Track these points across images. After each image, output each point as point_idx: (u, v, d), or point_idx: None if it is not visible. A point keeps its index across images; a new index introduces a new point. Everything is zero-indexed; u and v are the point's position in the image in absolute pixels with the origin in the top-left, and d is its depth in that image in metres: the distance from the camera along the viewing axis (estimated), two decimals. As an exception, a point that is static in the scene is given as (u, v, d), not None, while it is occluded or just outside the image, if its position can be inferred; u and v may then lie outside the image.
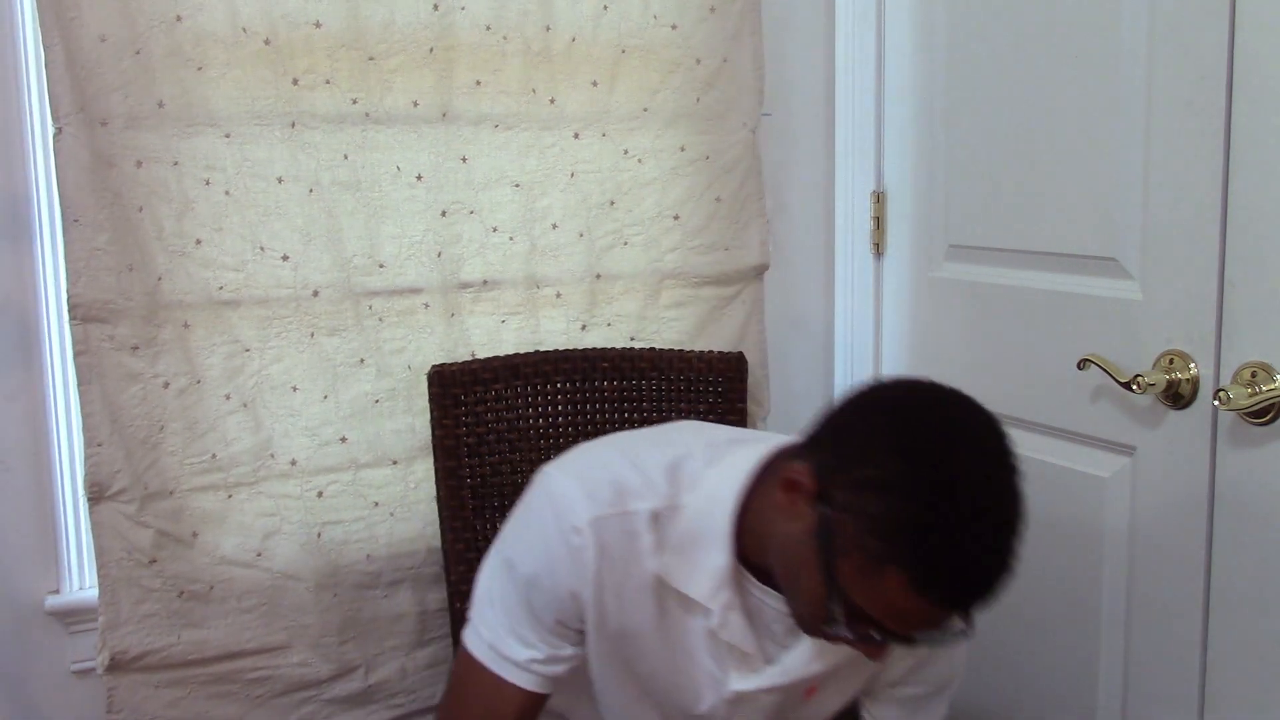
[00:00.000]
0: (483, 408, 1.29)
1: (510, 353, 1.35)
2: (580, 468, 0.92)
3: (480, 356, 1.36)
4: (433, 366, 1.29)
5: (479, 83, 1.34)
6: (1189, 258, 1.14)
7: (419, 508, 1.38)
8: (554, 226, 1.41)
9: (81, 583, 1.32)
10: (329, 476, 1.33)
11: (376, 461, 1.35)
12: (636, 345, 1.45)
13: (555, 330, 1.43)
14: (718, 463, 0.90)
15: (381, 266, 1.33)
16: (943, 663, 0.99)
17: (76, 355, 1.19)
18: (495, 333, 1.40)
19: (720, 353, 1.37)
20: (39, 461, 1.29)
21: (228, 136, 1.23)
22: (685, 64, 1.44)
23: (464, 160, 1.35)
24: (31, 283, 1.26)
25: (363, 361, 1.33)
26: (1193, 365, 1.14)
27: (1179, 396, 1.15)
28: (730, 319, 1.52)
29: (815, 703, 0.97)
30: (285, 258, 1.28)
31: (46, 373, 1.28)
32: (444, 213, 1.35)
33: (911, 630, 0.78)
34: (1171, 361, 1.16)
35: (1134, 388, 1.15)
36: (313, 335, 1.30)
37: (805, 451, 0.83)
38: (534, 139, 1.38)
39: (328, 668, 1.34)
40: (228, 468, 1.27)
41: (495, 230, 1.38)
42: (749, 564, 0.89)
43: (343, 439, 1.33)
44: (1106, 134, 1.22)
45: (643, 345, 1.44)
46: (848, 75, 1.58)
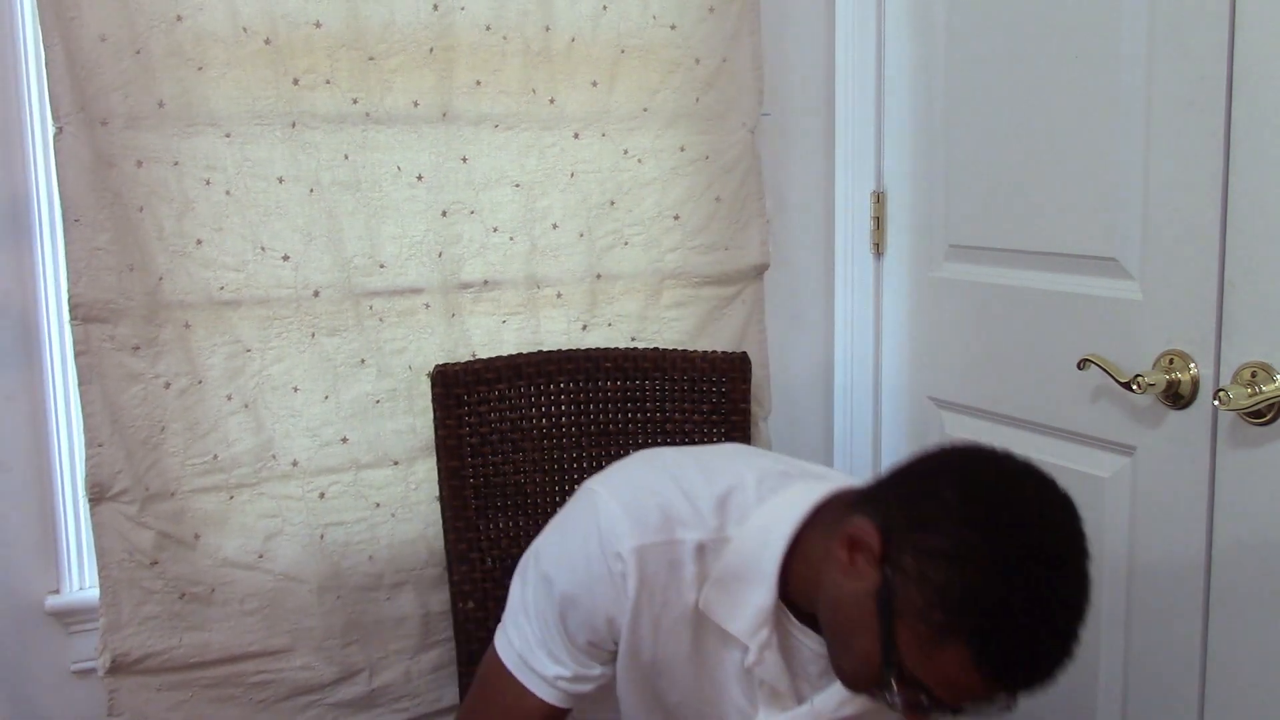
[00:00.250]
0: (485, 408, 1.29)
1: (511, 353, 1.35)
2: (629, 491, 0.90)
3: (481, 357, 1.36)
4: (436, 366, 1.29)
5: (479, 83, 1.34)
6: (1189, 258, 1.14)
7: (420, 508, 1.38)
8: (554, 226, 1.41)
9: (81, 583, 1.32)
10: (330, 477, 1.33)
11: (377, 462, 1.35)
12: (638, 345, 1.45)
13: (556, 330, 1.43)
14: (769, 498, 0.89)
15: (382, 267, 1.33)
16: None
17: (77, 355, 1.19)
18: (496, 333, 1.40)
19: (723, 353, 1.37)
20: (39, 461, 1.28)
21: (228, 136, 1.23)
22: (685, 64, 1.44)
23: (464, 160, 1.35)
24: (31, 283, 1.26)
25: (363, 362, 1.33)
26: (1193, 365, 1.14)
27: (1179, 396, 1.15)
28: (730, 319, 1.52)
29: None
30: (286, 258, 1.28)
31: (47, 373, 1.28)
32: (444, 213, 1.35)
33: (962, 702, 0.77)
34: (1171, 361, 1.16)
35: (1134, 388, 1.15)
36: (313, 335, 1.30)
37: (869, 507, 0.82)
38: (534, 139, 1.38)
39: (331, 671, 1.34)
40: (229, 469, 1.27)
41: (496, 230, 1.38)
42: (789, 602, 0.88)
43: (344, 439, 1.33)
44: (1106, 134, 1.22)
45: (644, 345, 1.44)
46: (848, 75, 1.58)
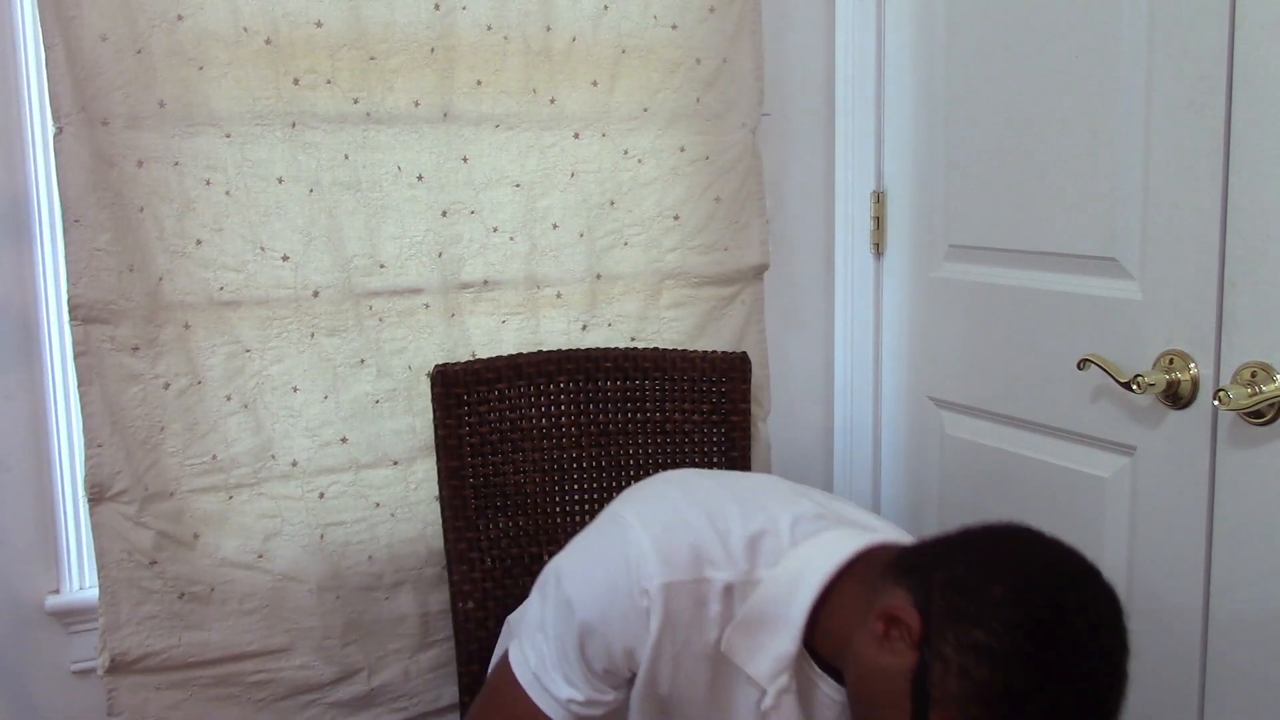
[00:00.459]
0: (485, 407, 1.29)
1: (511, 353, 1.35)
2: (659, 524, 0.89)
3: (481, 357, 1.36)
4: (436, 366, 1.29)
5: (480, 83, 1.34)
6: (1189, 258, 1.14)
7: (419, 508, 1.38)
8: (554, 227, 1.41)
9: (81, 583, 1.32)
10: (330, 477, 1.33)
11: (377, 462, 1.35)
12: (637, 345, 1.45)
13: (555, 330, 1.43)
14: (802, 544, 0.88)
15: (382, 267, 1.33)
16: None
17: (77, 356, 1.19)
18: (495, 333, 1.40)
19: (723, 353, 1.37)
20: (39, 461, 1.28)
21: (228, 136, 1.23)
22: (685, 64, 1.44)
23: (465, 160, 1.35)
24: (31, 283, 1.26)
25: (363, 362, 1.33)
26: (1193, 365, 1.14)
27: (1179, 396, 1.15)
28: (730, 319, 1.52)
29: None
30: (286, 258, 1.28)
31: (46, 373, 1.27)
32: (444, 213, 1.35)
33: None
34: (1171, 361, 1.16)
35: (1134, 388, 1.16)
36: (313, 336, 1.30)
37: (909, 580, 0.81)
38: (534, 139, 1.38)
39: (330, 670, 1.34)
40: (228, 469, 1.27)
41: (496, 230, 1.38)
42: (811, 648, 0.88)
43: (343, 440, 1.33)
44: (1106, 134, 1.22)
45: (643, 345, 1.44)
46: (848, 75, 1.58)
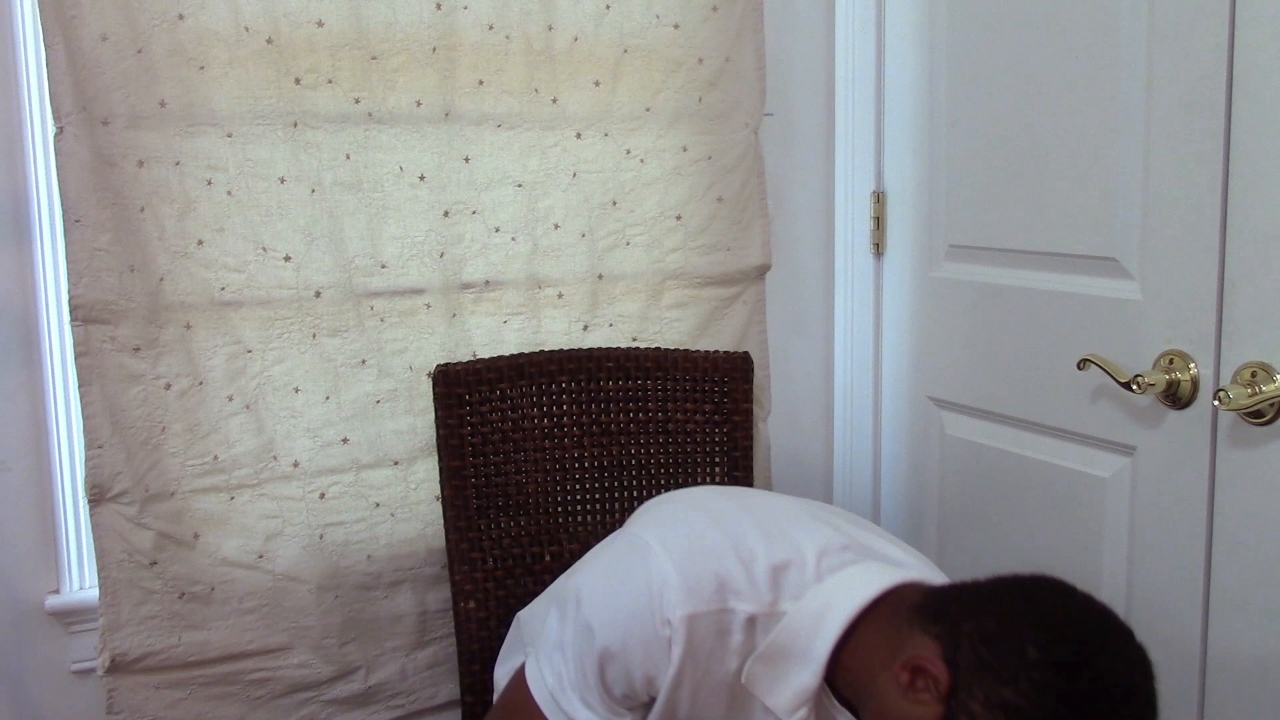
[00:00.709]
0: (487, 407, 1.29)
1: (512, 353, 1.35)
2: (683, 552, 0.88)
3: (482, 357, 1.35)
4: (437, 366, 1.29)
5: (481, 82, 1.34)
6: (1189, 258, 1.14)
7: (420, 508, 1.38)
8: (556, 227, 1.41)
9: (81, 583, 1.31)
10: (331, 478, 1.33)
11: (378, 462, 1.35)
12: (639, 345, 1.45)
13: (557, 331, 1.43)
14: (827, 578, 0.88)
15: (383, 267, 1.33)
16: None
17: (77, 356, 1.19)
18: (497, 333, 1.40)
19: (725, 353, 1.37)
20: (39, 462, 1.28)
21: (230, 136, 1.23)
22: (688, 64, 1.44)
23: (466, 160, 1.35)
24: (31, 283, 1.25)
25: (364, 362, 1.33)
26: (1193, 365, 1.15)
27: (1179, 396, 1.16)
28: (732, 319, 1.52)
29: None
30: (287, 258, 1.28)
31: (47, 373, 1.27)
32: (446, 213, 1.35)
33: None
34: (1171, 361, 1.16)
35: (1134, 388, 1.16)
36: (314, 336, 1.30)
37: (937, 629, 0.80)
38: (536, 139, 1.38)
39: (328, 669, 1.34)
40: (230, 469, 1.27)
41: (497, 230, 1.38)
42: (830, 683, 0.87)
43: (344, 440, 1.33)
44: (1106, 134, 1.22)
45: (645, 345, 1.44)
46: (848, 75, 1.58)
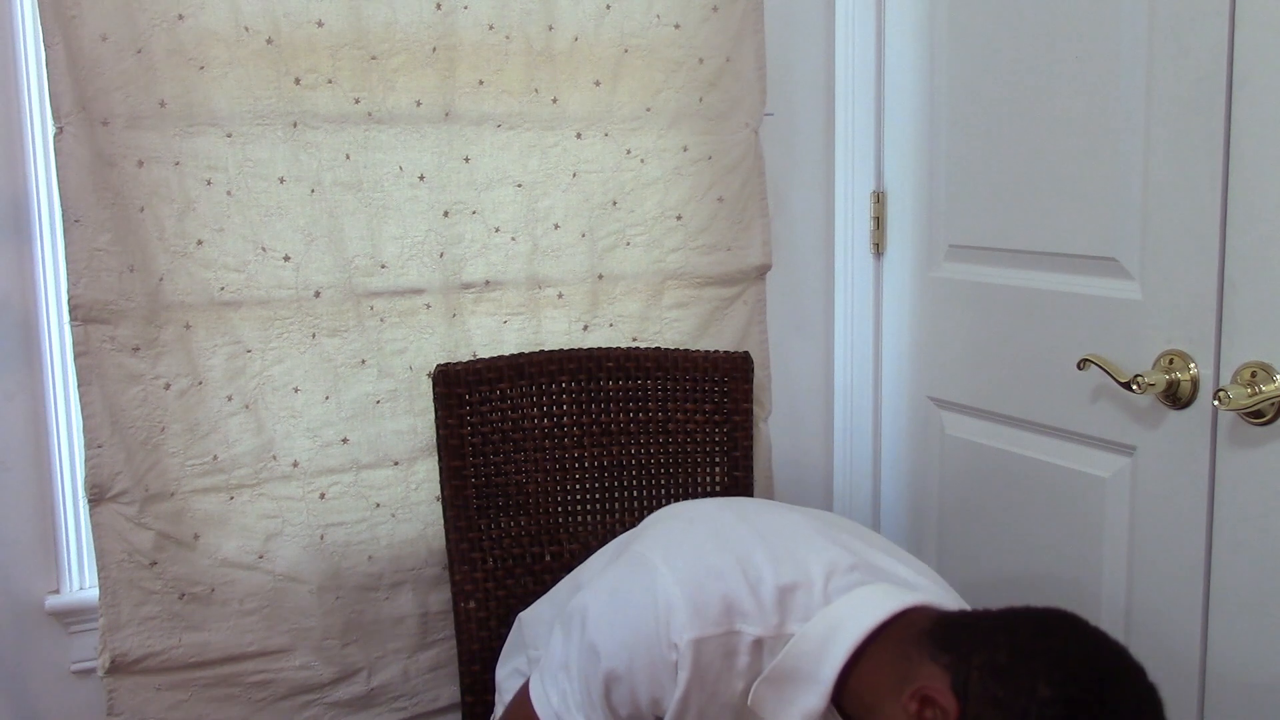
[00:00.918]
0: (487, 407, 1.29)
1: (512, 353, 1.35)
2: (690, 574, 0.88)
3: (482, 357, 1.35)
4: (437, 366, 1.29)
5: (481, 82, 1.34)
6: (1189, 258, 1.14)
7: (420, 509, 1.38)
8: (556, 227, 1.41)
9: (81, 583, 1.31)
10: (331, 478, 1.33)
11: (378, 462, 1.35)
12: (639, 345, 1.45)
13: (557, 331, 1.43)
14: (835, 601, 0.87)
15: (383, 267, 1.32)
16: None
17: (77, 356, 1.18)
18: (497, 333, 1.40)
19: (725, 352, 1.37)
20: (39, 461, 1.28)
21: (229, 136, 1.23)
22: (688, 64, 1.44)
23: (466, 160, 1.35)
24: (31, 283, 1.25)
25: (364, 362, 1.33)
26: (1193, 365, 1.15)
27: (1179, 397, 1.16)
28: (732, 319, 1.52)
29: None
30: (287, 258, 1.27)
31: (46, 373, 1.27)
32: (446, 213, 1.35)
33: None
34: (1171, 361, 1.16)
35: (1134, 388, 1.16)
36: (314, 336, 1.30)
37: (946, 658, 0.79)
38: (536, 139, 1.38)
39: (330, 671, 1.34)
40: (229, 469, 1.27)
41: (497, 230, 1.38)
42: (836, 704, 0.87)
43: (344, 440, 1.33)
44: (1106, 134, 1.22)
45: (645, 345, 1.44)
46: (848, 75, 1.58)
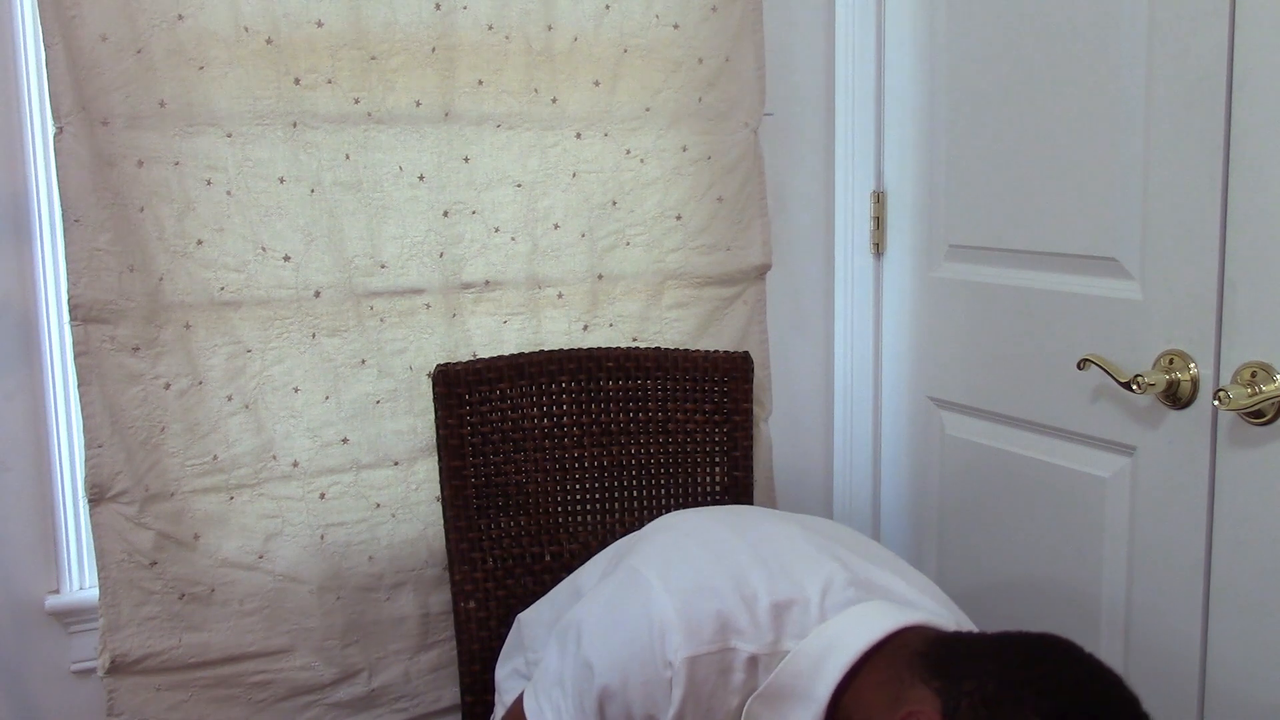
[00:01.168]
0: (487, 407, 1.29)
1: (512, 353, 1.35)
2: (684, 591, 0.88)
3: (482, 357, 1.35)
4: (438, 365, 1.29)
5: (481, 82, 1.34)
6: (1189, 258, 1.14)
7: (420, 509, 1.38)
8: (556, 227, 1.41)
9: (81, 583, 1.31)
10: (331, 478, 1.33)
11: (378, 462, 1.35)
12: (639, 345, 1.45)
13: (557, 331, 1.43)
14: (831, 618, 0.87)
15: (383, 267, 1.32)
16: None
17: (77, 356, 1.18)
18: (497, 333, 1.40)
19: (725, 352, 1.37)
20: (39, 461, 1.28)
21: (229, 136, 1.23)
22: (687, 63, 1.44)
23: (466, 160, 1.35)
24: (31, 283, 1.26)
25: (364, 362, 1.33)
26: (1193, 365, 1.15)
27: (1179, 397, 1.16)
28: (732, 319, 1.52)
29: None
30: (287, 258, 1.27)
31: (46, 373, 1.27)
32: (446, 213, 1.35)
33: None
34: (1171, 361, 1.16)
35: (1134, 388, 1.16)
36: (314, 336, 1.30)
37: (939, 683, 0.79)
38: (536, 139, 1.38)
39: (331, 671, 1.34)
40: (229, 469, 1.27)
41: (497, 230, 1.38)
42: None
43: (344, 440, 1.33)
44: (1106, 134, 1.22)
45: (645, 345, 1.44)
46: (848, 75, 1.58)
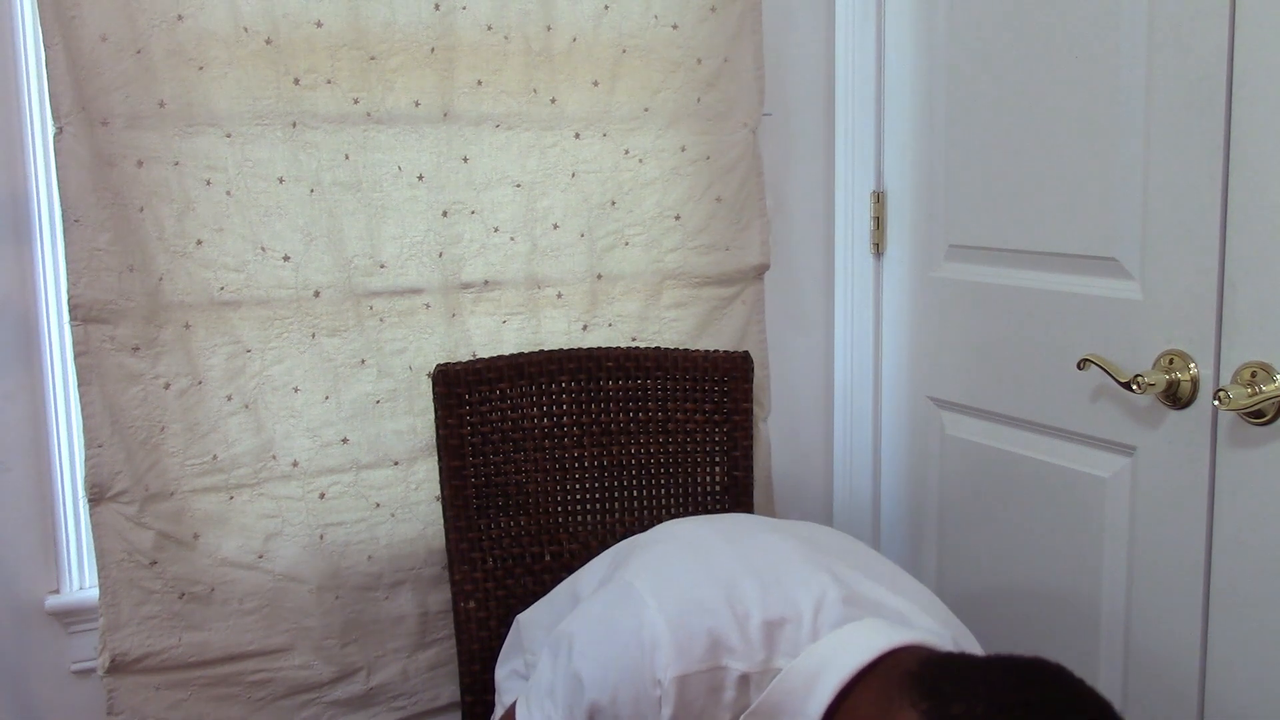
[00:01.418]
0: (487, 407, 1.29)
1: (512, 353, 1.35)
2: (676, 607, 0.88)
3: (482, 357, 1.35)
4: (437, 365, 1.29)
5: (480, 82, 1.34)
6: (1189, 258, 1.14)
7: (420, 509, 1.38)
8: (555, 227, 1.41)
9: (81, 583, 1.32)
10: (330, 478, 1.33)
11: (378, 462, 1.35)
12: (639, 345, 1.45)
13: (556, 331, 1.43)
14: (824, 637, 0.87)
15: (382, 267, 1.33)
16: None
17: (77, 356, 1.19)
18: (496, 333, 1.40)
19: (725, 352, 1.37)
20: (39, 461, 1.28)
21: (229, 136, 1.23)
22: (686, 64, 1.44)
23: (465, 160, 1.35)
24: (31, 283, 1.26)
25: (364, 362, 1.33)
26: (1193, 365, 1.14)
27: (1179, 396, 1.16)
28: (731, 319, 1.52)
29: None
30: (286, 258, 1.28)
31: (46, 373, 1.27)
32: (445, 213, 1.35)
33: None
34: (1171, 361, 1.16)
35: (1134, 388, 1.16)
36: (314, 336, 1.30)
37: (926, 703, 0.78)
38: (535, 139, 1.38)
39: (329, 670, 1.34)
40: (229, 469, 1.27)
41: (496, 230, 1.38)
42: None
43: (344, 440, 1.33)
44: (1106, 134, 1.22)
45: (645, 345, 1.44)
46: (848, 75, 1.58)
